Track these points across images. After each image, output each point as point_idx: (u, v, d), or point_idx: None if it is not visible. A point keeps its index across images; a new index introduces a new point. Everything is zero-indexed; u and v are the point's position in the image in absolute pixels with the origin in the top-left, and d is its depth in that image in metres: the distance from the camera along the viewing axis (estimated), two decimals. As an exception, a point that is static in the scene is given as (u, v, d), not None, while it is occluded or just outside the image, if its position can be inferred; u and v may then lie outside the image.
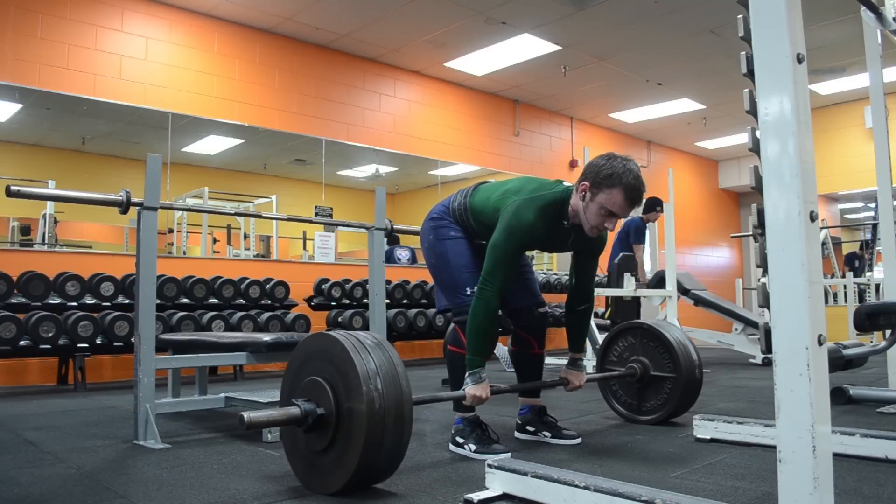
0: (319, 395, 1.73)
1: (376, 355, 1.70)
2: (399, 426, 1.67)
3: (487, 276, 2.17)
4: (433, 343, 6.90)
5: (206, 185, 7.06)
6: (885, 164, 3.24)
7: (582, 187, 2.17)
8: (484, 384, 2.18)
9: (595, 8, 5.97)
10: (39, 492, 1.85)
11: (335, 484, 1.69)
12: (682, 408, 2.76)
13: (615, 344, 2.92)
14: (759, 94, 1.15)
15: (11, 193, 2.44)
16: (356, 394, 1.63)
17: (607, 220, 2.16)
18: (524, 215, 2.17)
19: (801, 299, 1.08)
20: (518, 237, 2.17)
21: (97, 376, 4.98)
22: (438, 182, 7.99)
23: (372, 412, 1.61)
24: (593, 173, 2.15)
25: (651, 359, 2.77)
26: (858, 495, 1.70)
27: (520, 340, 2.56)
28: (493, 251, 2.18)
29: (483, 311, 2.15)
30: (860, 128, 8.94)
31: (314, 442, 1.75)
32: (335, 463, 1.69)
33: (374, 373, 1.65)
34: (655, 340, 2.77)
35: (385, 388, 1.65)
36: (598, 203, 2.13)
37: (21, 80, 4.99)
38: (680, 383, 2.69)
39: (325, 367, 1.75)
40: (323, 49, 6.78)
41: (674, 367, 2.70)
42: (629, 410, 2.87)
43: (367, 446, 1.61)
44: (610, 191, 2.11)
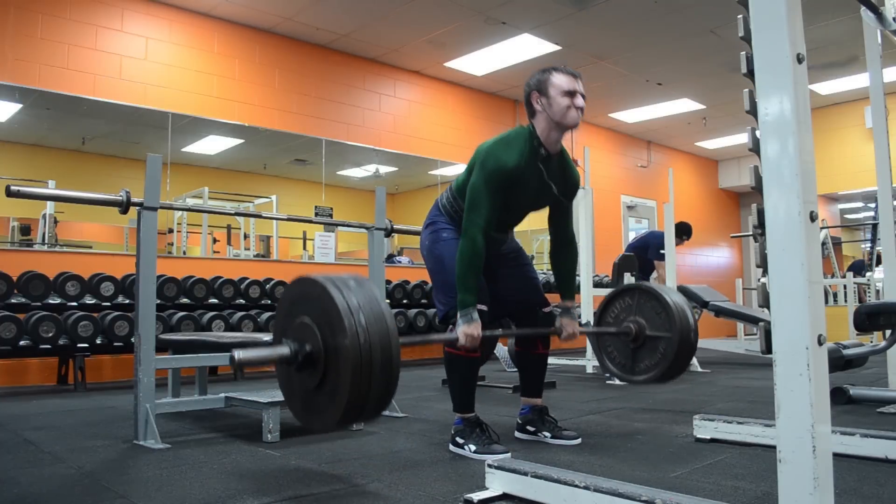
0: (307, 334, 1.74)
1: (357, 292, 1.71)
2: (387, 358, 1.67)
3: (469, 213, 2.24)
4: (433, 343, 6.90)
5: (206, 185, 7.06)
6: (885, 164, 3.24)
7: (535, 101, 2.30)
8: (476, 323, 2.19)
9: (595, 8, 5.97)
10: (39, 492, 1.85)
11: (331, 419, 1.69)
12: (675, 369, 2.73)
13: (613, 305, 2.91)
14: (759, 94, 1.15)
15: (11, 193, 2.44)
16: (340, 329, 1.64)
17: (573, 100, 2.27)
18: (495, 151, 2.27)
19: (801, 299, 1.08)
20: (494, 172, 2.23)
21: (97, 376, 4.98)
22: (438, 182, 7.99)
23: (356, 345, 1.61)
24: (531, 86, 2.33)
25: (647, 319, 2.76)
26: (858, 495, 1.70)
27: (524, 340, 2.55)
28: (472, 190, 2.26)
29: (469, 250, 2.19)
30: (860, 128, 8.94)
31: (307, 381, 1.76)
32: (328, 399, 1.70)
33: (356, 308, 1.66)
34: (653, 301, 2.75)
35: (368, 322, 1.65)
36: (553, 96, 2.26)
37: (21, 80, 5.00)
38: (674, 344, 2.66)
39: (310, 308, 1.76)
40: (323, 49, 6.78)
41: (669, 328, 2.69)
42: (623, 371, 2.85)
43: (356, 379, 1.61)
44: (551, 80, 2.28)
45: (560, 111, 2.26)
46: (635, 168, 10.31)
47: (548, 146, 2.32)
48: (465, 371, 2.37)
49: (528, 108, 2.35)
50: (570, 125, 2.29)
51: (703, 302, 5.83)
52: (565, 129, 2.32)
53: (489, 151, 2.28)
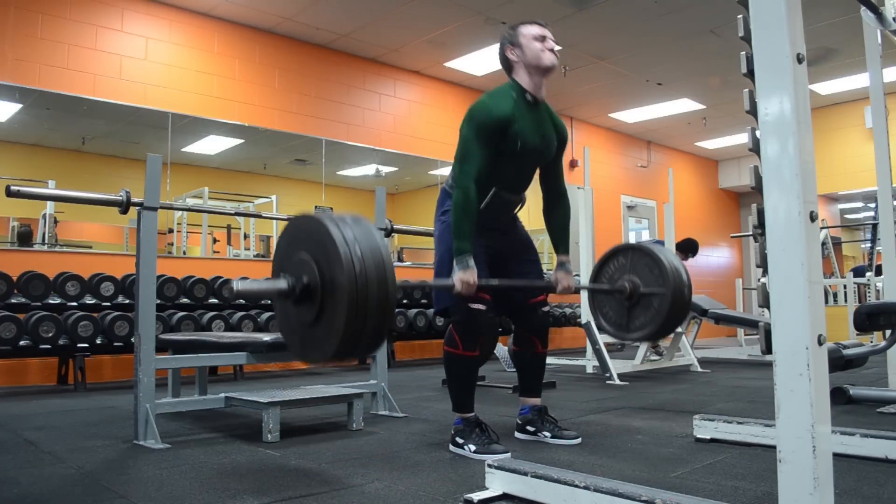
0: (305, 269, 1.75)
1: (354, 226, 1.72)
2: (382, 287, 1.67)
3: (460, 164, 2.28)
4: (433, 343, 6.90)
5: (206, 185, 7.06)
6: (885, 164, 3.24)
7: (510, 54, 2.42)
8: (472, 270, 2.21)
9: (595, 8, 5.97)
10: (39, 492, 1.85)
11: (329, 350, 1.69)
12: (669, 325, 2.73)
13: (607, 266, 2.91)
14: (759, 94, 1.15)
15: (11, 193, 2.44)
16: (336, 261, 1.65)
17: (544, 44, 2.38)
18: (484, 103, 2.32)
19: (801, 299, 1.08)
20: (482, 120, 2.27)
21: (97, 376, 4.98)
22: (438, 182, 7.99)
23: (352, 275, 1.62)
24: (504, 42, 2.44)
25: (641, 277, 2.77)
26: (858, 495, 1.70)
27: (522, 340, 2.55)
28: (462, 142, 2.30)
29: (462, 200, 2.23)
30: (860, 128, 8.94)
31: (304, 314, 1.76)
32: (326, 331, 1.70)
33: (352, 240, 1.67)
34: (647, 259, 2.76)
35: (364, 253, 1.66)
36: (526, 45, 2.38)
37: (21, 80, 4.99)
38: (668, 299, 2.66)
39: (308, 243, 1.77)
40: (323, 49, 6.78)
41: (663, 284, 2.69)
42: (618, 329, 2.85)
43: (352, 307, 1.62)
44: (522, 31, 2.41)
45: (535, 55, 2.36)
46: (635, 168, 10.32)
47: (533, 93, 2.39)
48: (464, 371, 2.37)
49: (506, 65, 2.45)
50: (547, 65, 2.37)
51: (703, 310, 5.86)
52: (544, 73, 2.39)
53: (477, 104, 2.33)
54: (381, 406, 3.21)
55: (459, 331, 2.35)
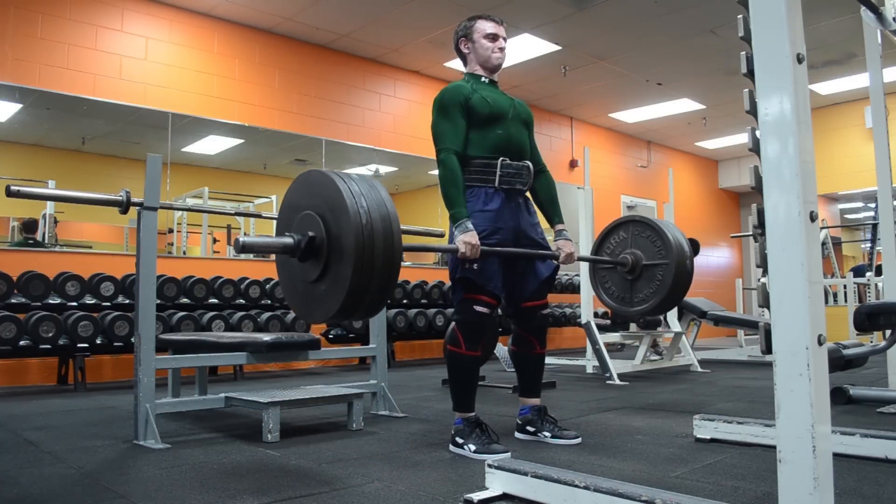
0: (311, 225, 1.75)
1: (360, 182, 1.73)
2: (388, 244, 1.67)
3: (437, 144, 2.39)
4: (433, 343, 6.90)
5: (206, 185, 7.05)
6: (885, 164, 3.24)
7: (463, 47, 2.55)
8: (472, 232, 2.26)
9: (595, 8, 5.97)
10: (39, 492, 1.85)
11: (333, 307, 1.68)
12: (672, 298, 2.71)
13: (608, 240, 2.90)
14: (759, 94, 1.15)
15: (11, 193, 2.44)
16: (343, 214, 1.64)
17: (494, 43, 2.49)
18: (445, 90, 2.44)
19: (801, 299, 1.08)
20: (446, 100, 2.39)
21: (97, 376, 4.98)
22: (438, 182, 7.98)
23: (359, 229, 1.62)
24: (458, 34, 2.56)
25: (643, 250, 2.76)
26: (858, 495, 1.70)
27: (521, 340, 2.55)
28: (433, 126, 2.42)
29: (445, 171, 2.35)
30: (860, 128, 8.94)
31: (309, 272, 1.76)
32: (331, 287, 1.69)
33: (358, 193, 1.67)
34: (648, 230, 2.75)
35: (370, 207, 1.65)
36: (477, 41, 2.50)
37: (21, 80, 4.99)
38: (671, 270, 2.65)
39: (314, 200, 1.77)
40: (323, 49, 6.78)
41: (666, 254, 2.68)
42: (621, 304, 2.84)
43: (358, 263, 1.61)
44: (476, 26, 2.52)
45: (484, 54, 2.49)
46: (635, 168, 10.32)
47: (487, 76, 2.53)
48: (465, 370, 2.37)
49: (459, 54, 2.58)
50: (494, 65, 2.51)
51: (702, 312, 5.88)
52: (492, 71, 2.53)
53: (441, 92, 2.44)
54: (381, 406, 3.21)
55: (463, 330, 2.35)
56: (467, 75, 2.55)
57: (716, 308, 6.24)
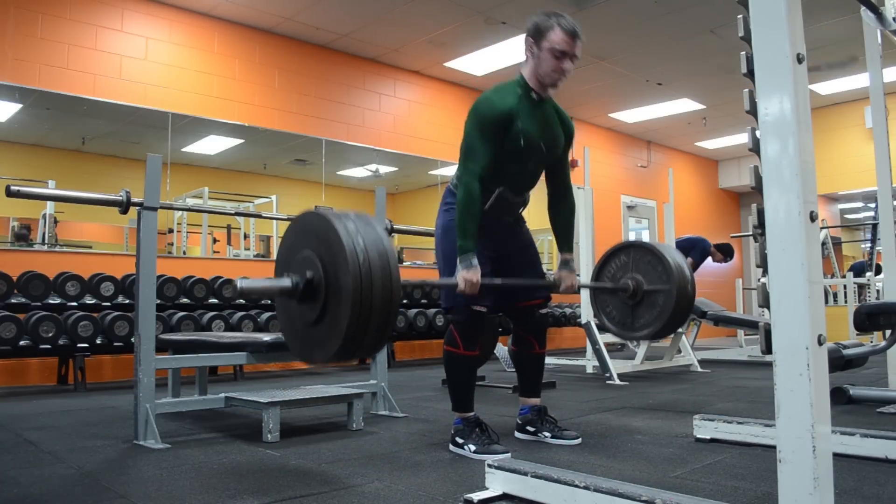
0: (309, 266, 1.74)
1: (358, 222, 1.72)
2: (387, 287, 1.66)
3: (464, 163, 2.26)
4: (433, 343, 6.90)
5: (206, 185, 7.06)
6: (885, 164, 3.24)
7: (528, 48, 2.34)
8: (475, 269, 2.20)
9: (595, 8, 5.97)
10: (39, 492, 1.85)
11: (331, 349, 1.68)
12: (673, 323, 2.71)
13: (609, 264, 2.89)
14: (759, 94, 1.15)
15: (11, 193, 2.44)
16: (341, 257, 1.63)
17: (562, 63, 2.29)
18: (487, 97, 2.30)
19: (801, 299, 1.08)
20: (486, 116, 2.25)
21: (97, 376, 4.98)
22: (438, 182, 7.99)
23: (356, 266, 1.61)
24: (531, 30, 2.33)
25: (645, 275, 2.75)
26: (858, 495, 1.70)
27: (521, 340, 2.55)
28: (466, 138, 2.28)
29: (465, 197, 2.21)
30: (860, 128, 8.94)
31: (308, 313, 1.75)
32: (329, 329, 1.69)
33: (355, 234, 1.66)
34: (649, 256, 2.74)
35: (369, 249, 1.65)
36: (546, 50, 2.29)
37: (21, 80, 4.99)
38: (672, 295, 2.65)
39: (311, 239, 1.76)
40: (323, 49, 6.78)
41: (667, 280, 2.67)
42: (622, 328, 2.84)
43: (356, 306, 1.60)
44: (550, 33, 2.29)
45: (545, 70, 2.31)
46: (635, 168, 10.31)
47: (538, 91, 2.36)
48: (464, 371, 2.37)
49: (525, 47, 2.38)
50: (548, 85, 2.34)
51: (702, 313, 5.88)
52: (545, 88, 2.36)
53: (481, 99, 2.31)
54: (381, 406, 3.21)
55: (460, 330, 2.35)
56: (520, 80, 2.37)
57: (716, 308, 6.25)
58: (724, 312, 6.01)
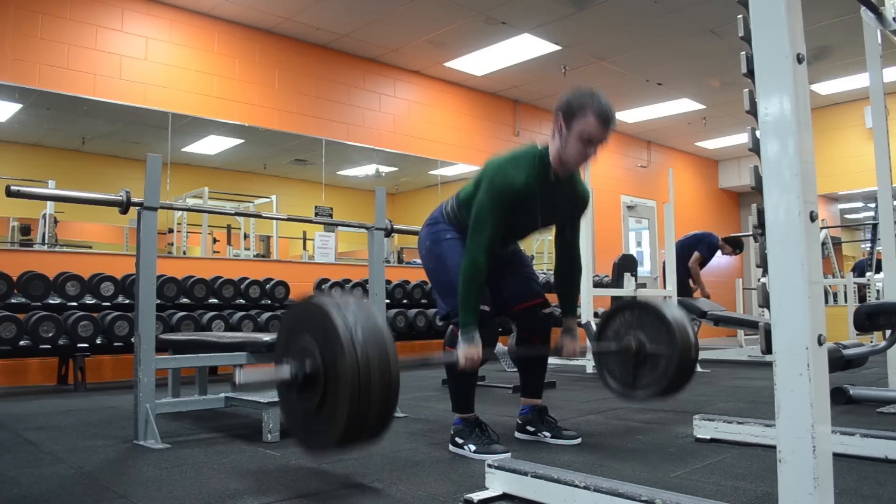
0: (308, 355, 1.75)
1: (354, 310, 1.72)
2: (385, 375, 1.67)
3: (473, 234, 2.21)
4: (433, 343, 6.90)
5: (206, 185, 7.06)
6: (885, 164, 3.24)
7: (557, 125, 2.22)
8: (477, 345, 2.18)
9: (595, 8, 5.97)
10: (39, 492, 1.85)
11: (331, 439, 1.69)
12: (675, 386, 2.73)
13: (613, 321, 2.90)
14: (759, 94, 1.15)
15: (11, 193, 2.44)
16: (338, 347, 1.65)
17: (588, 148, 2.19)
18: (504, 170, 2.22)
19: (801, 299, 1.08)
20: (500, 191, 2.20)
21: (97, 376, 4.98)
22: (438, 182, 7.99)
23: (354, 361, 1.62)
24: (564, 107, 2.20)
25: (647, 335, 2.76)
26: (858, 495, 1.70)
27: (525, 341, 2.55)
28: (478, 208, 2.22)
29: (471, 270, 2.18)
30: (860, 128, 8.94)
31: (307, 402, 1.76)
32: (328, 419, 1.70)
33: (352, 324, 1.66)
34: (653, 317, 2.74)
35: (366, 338, 1.65)
36: (575, 133, 2.17)
37: (21, 80, 4.99)
38: (675, 362, 2.65)
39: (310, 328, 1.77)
40: (323, 49, 6.78)
41: (670, 345, 2.68)
42: (623, 387, 2.85)
43: (354, 396, 1.62)
44: (583, 117, 2.15)
45: (571, 151, 2.20)
46: (635, 168, 10.31)
47: (557, 170, 2.28)
48: (465, 371, 2.37)
49: (554, 120, 2.25)
50: (570, 168, 2.25)
51: (702, 312, 5.89)
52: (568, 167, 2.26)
53: (498, 169, 2.23)
54: (381, 406, 3.20)
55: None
56: (542, 155, 2.25)
57: (716, 308, 6.26)
58: (724, 312, 6.03)
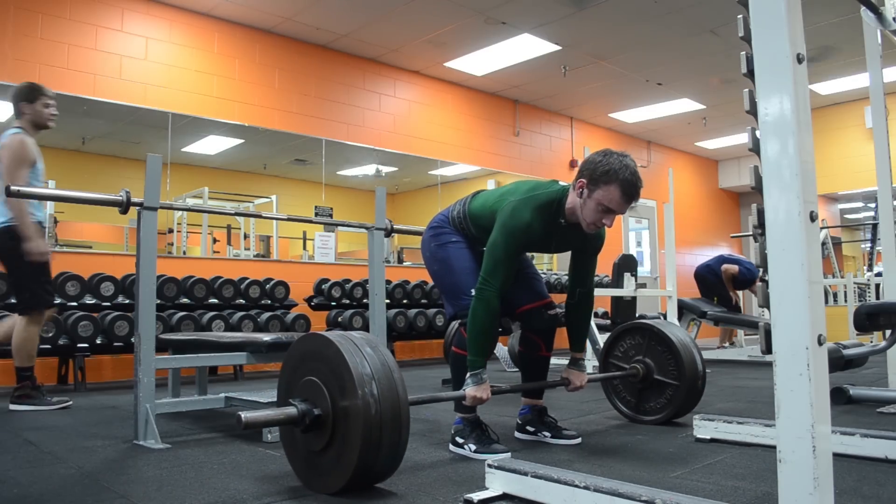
0: (316, 395, 1.74)
1: (371, 358, 1.70)
2: (396, 429, 1.67)
3: (487, 276, 2.19)
4: (433, 343, 6.90)
5: (206, 185, 7.06)
6: (885, 164, 3.24)
7: (579, 184, 2.19)
8: (485, 385, 2.19)
9: (595, 8, 5.97)
10: (39, 492, 1.85)
11: (335, 484, 1.70)
12: (682, 411, 2.77)
13: (620, 342, 2.91)
14: (759, 94, 1.15)
15: (11, 193, 2.44)
16: (352, 397, 1.64)
17: (605, 217, 2.17)
18: (521, 214, 2.20)
19: (801, 299, 1.08)
20: (516, 236, 2.19)
21: (97, 376, 4.98)
22: (438, 182, 7.99)
23: (368, 416, 1.61)
24: (590, 170, 2.16)
25: (655, 360, 2.76)
26: (858, 495, 1.70)
27: (528, 342, 2.55)
28: (492, 251, 2.20)
29: (483, 312, 2.17)
30: (860, 128, 8.94)
31: (312, 442, 1.75)
32: (334, 463, 1.70)
33: (369, 377, 1.65)
34: (661, 343, 2.75)
35: (381, 392, 1.65)
36: (595, 200, 2.15)
37: (21, 79, 4.97)
38: (682, 390, 2.68)
39: (321, 367, 1.76)
40: (323, 49, 6.78)
41: (678, 374, 2.69)
42: (630, 409, 2.87)
43: (365, 449, 1.61)
44: (607, 187, 2.12)
45: (588, 216, 2.18)
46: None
47: (570, 222, 2.28)
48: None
49: (577, 177, 2.22)
50: (585, 229, 2.24)
51: (702, 312, 5.89)
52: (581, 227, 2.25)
53: (514, 211, 2.20)
54: (381, 406, 3.20)
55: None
56: (560, 202, 2.25)
57: (716, 308, 6.27)
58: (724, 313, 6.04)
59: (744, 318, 6.17)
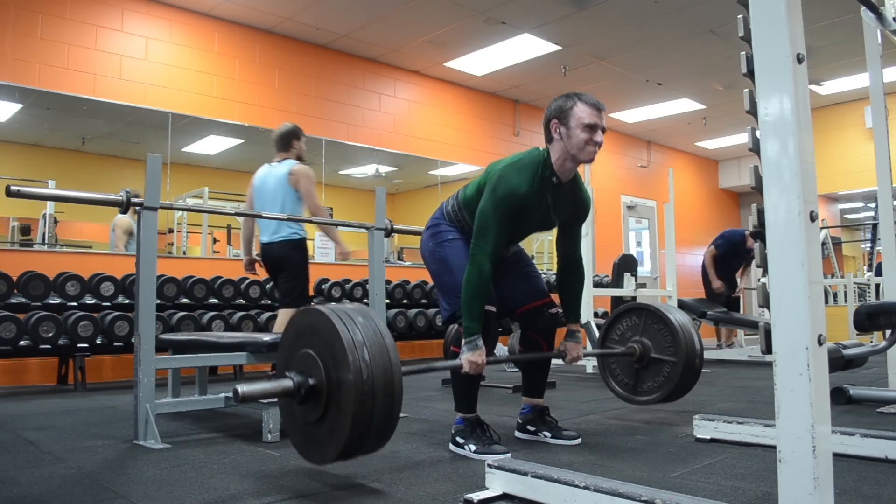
0: (311, 367, 1.75)
1: (363, 326, 1.72)
2: (388, 395, 1.68)
3: (477, 240, 2.22)
4: (433, 343, 6.90)
5: (206, 185, 7.05)
6: (885, 164, 3.24)
7: (553, 127, 2.27)
8: (480, 350, 2.20)
9: (595, 8, 5.97)
10: (39, 492, 1.85)
11: (331, 453, 1.70)
12: (678, 393, 2.74)
13: (619, 323, 2.90)
14: (759, 94, 1.15)
15: (11, 193, 2.44)
16: (344, 365, 1.65)
17: (593, 135, 2.23)
18: (508, 177, 2.23)
19: (801, 299, 1.08)
20: (505, 198, 2.21)
21: (97, 376, 4.98)
22: (438, 182, 7.99)
23: (360, 381, 1.62)
24: (553, 111, 2.28)
25: (653, 340, 2.76)
26: (858, 495, 1.70)
27: (529, 341, 2.55)
28: (481, 215, 2.23)
29: (476, 277, 2.19)
30: (860, 128, 8.94)
31: (309, 413, 1.76)
32: (329, 433, 1.70)
33: (360, 343, 1.67)
34: (659, 323, 2.75)
35: (372, 358, 1.66)
36: (573, 126, 2.22)
37: (21, 80, 4.99)
38: (679, 368, 2.66)
39: (315, 340, 1.77)
40: (323, 49, 6.78)
41: (675, 352, 2.68)
42: (626, 390, 2.86)
43: (357, 415, 1.62)
44: (574, 110, 2.23)
45: (577, 144, 2.22)
46: (635, 168, 10.31)
47: (560, 175, 2.29)
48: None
49: (546, 133, 2.30)
50: (585, 160, 2.26)
51: (702, 312, 5.90)
52: (579, 163, 2.28)
53: (501, 176, 2.24)
54: (381, 406, 3.20)
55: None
56: (544, 161, 2.28)
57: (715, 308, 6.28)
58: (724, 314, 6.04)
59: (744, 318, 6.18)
